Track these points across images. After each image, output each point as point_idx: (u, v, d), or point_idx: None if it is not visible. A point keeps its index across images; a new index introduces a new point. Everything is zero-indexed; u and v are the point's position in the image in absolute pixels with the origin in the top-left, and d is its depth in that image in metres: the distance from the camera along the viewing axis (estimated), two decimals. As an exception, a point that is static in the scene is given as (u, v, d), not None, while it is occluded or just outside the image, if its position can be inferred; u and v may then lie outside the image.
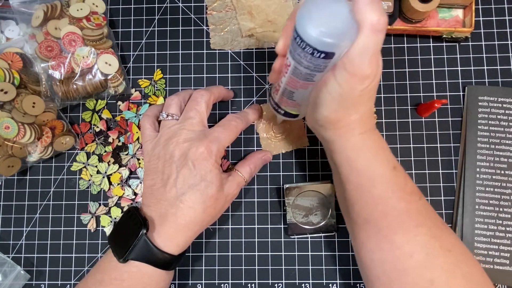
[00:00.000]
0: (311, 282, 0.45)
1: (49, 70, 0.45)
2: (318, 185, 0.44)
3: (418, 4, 0.42)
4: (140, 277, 0.36)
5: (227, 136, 0.39)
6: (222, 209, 0.39)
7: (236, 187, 0.40)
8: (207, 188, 0.36)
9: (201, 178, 0.36)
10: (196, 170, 0.36)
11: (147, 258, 0.35)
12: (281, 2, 0.49)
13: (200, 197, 0.36)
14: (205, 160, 0.37)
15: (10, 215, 0.48)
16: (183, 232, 0.36)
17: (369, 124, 0.33)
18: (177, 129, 0.39)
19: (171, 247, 0.36)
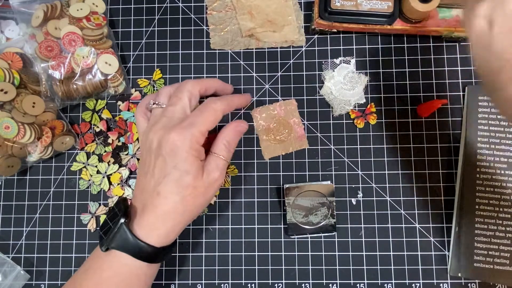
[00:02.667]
0: (311, 282, 0.45)
1: (49, 70, 0.45)
2: (318, 185, 0.44)
3: (418, 4, 0.42)
4: (119, 267, 0.35)
5: (203, 120, 0.36)
6: (205, 197, 0.37)
7: (217, 170, 0.37)
8: (182, 177, 0.35)
9: (175, 167, 0.35)
10: (170, 159, 0.35)
11: (126, 247, 0.34)
12: (281, 2, 0.49)
13: (175, 187, 0.35)
14: (178, 148, 0.35)
15: (10, 215, 0.48)
16: (163, 222, 0.35)
17: None
18: (159, 117, 0.38)
19: (151, 238, 0.35)
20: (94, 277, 0.35)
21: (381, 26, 0.45)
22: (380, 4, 0.44)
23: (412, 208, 0.45)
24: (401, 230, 0.45)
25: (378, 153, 0.46)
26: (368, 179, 0.46)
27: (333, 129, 0.47)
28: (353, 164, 0.46)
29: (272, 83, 0.48)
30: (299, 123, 0.47)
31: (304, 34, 0.49)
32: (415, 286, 0.44)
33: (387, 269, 0.44)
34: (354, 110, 0.47)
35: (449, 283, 0.44)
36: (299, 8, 0.49)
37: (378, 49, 0.48)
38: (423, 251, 0.44)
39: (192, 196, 0.35)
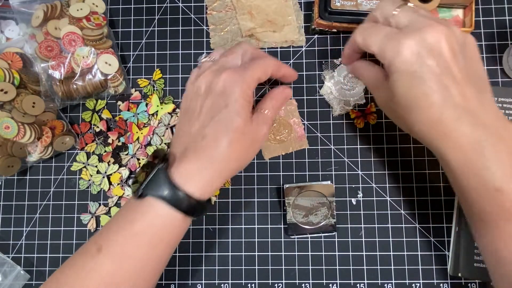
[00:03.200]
0: (311, 282, 0.45)
1: (49, 70, 0.45)
2: (318, 185, 0.44)
3: (418, 4, 0.42)
4: (153, 218, 0.32)
5: (256, 67, 0.34)
6: (250, 150, 0.35)
7: (264, 125, 0.35)
8: (232, 118, 0.32)
9: (226, 107, 0.33)
10: (220, 99, 0.33)
11: (163, 195, 0.31)
12: (281, 2, 0.49)
13: (223, 129, 0.32)
14: (230, 88, 0.33)
15: (10, 215, 0.48)
16: (204, 169, 0.32)
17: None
18: (208, 66, 0.36)
19: (190, 187, 0.32)
20: (124, 231, 0.32)
21: (381, 26, 0.45)
22: (380, 4, 0.44)
23: (412, 208, 0.45)
24: (401, 230, 0.45)
25: (378, 153, 0.46)
26: (368, 179, 0.46)
27: (333, 129, 0.47)
28: (353, 164, 0.46)
29: (272, 83, 0.48)
30: (299, 123, 0.47)
31: (304, 34, 0.49)
32: (415, 286, 0.44)
33: (387, 269, 0.44)
34: (354, 110, 0.47)
35: (449, 283, 0.44)
36: (299, 8, 0.49)
37: (378, 49, 0.48)
38: (423, 251, 0.44)
39: (240, 143, 0.33)
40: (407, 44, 0.31)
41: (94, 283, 0.31)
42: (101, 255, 0.31)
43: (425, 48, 0.30)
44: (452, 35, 0.31)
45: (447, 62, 0.31)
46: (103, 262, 0.31)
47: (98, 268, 0.31)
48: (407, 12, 0.33)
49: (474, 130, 0.30)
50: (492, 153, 0.30)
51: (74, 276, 0.32)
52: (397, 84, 0.32)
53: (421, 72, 0.30)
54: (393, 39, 0.32)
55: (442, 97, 0.30)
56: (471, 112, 0.30)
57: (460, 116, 0.30)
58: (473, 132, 0.30)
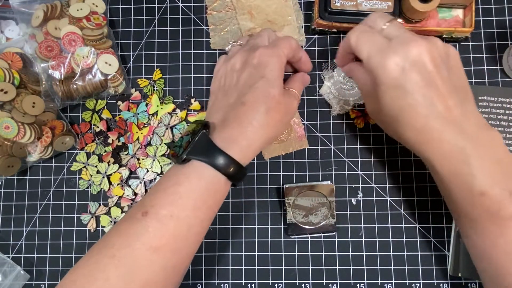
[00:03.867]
0: (311, 282, 0.45)
1: (49, 70, 0.45)
2: (318, 185, 0.44)
3: (418, 4, 0.42)
4: (198, 180, 0.33)
5: (285, 44, 0.38)
6: (283, 120, 0.37)
7: (295, 101, 0.39)
8: (269, 88, 0.35)
9: (263, 77, 0.35)
10: (258, 69, 0.36)
11: (207, 157, 0.33)
12: (281, 2, 0.49)
13: (262, 96, 0.35)
14: (266, 60, 0.36)
15: (10, 215, 0.48)
16: (245, 135, 0.34)
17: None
18: (238, 48, 0.40)
19: (232, 151, 0.33)
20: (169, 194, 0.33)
21: (381, 26, 0.45)
22: (380, 4, 0.44)
23: (412, 208, 0.45)
24: (401, 230, 0.45)
25: (378, 153, 0.46)
26: (368, 179, 0.46)
27: (333, 129, 0.47)
28: (353, 164, 0.46)
29: (272, 83, 0.48)
30: (299, 123, 0.47)
31: (304, 34, 0.49)
32: (415, 286, 0.44)
33: (387, 269, 0.44)
34: (354, 110, 0.47)
35: (449, 283, 0.44)
36: (299, 8, 0.49)
37: (378, 49, 0.48)
38: (423, 251, 0.44)
39: (276, 111, 0.35)
40: (392, 59, 0.32)
41: (140, 245, 0.31)
42: (148, 218, 0.32)
43: (409, 63, 0.32)
44: (434, 48, 0.33)
45: (430, 74, 0.32)
46: (149, 225, 0.32)
47: (144, 231, 0.31)
48: (395, 27, 0.35)
49: (457, 139, 0.32)
50: (475, 160, 0.31)
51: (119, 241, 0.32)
52: (384, 95, 0.34)
53: (405, 85, 0.32)
54: (380, 52, 0.33)
55: (426, 108, 0.32)
56: (454, 122, 0.32)
57: (443, 126, 0.32)
58: (456, 141, 0.32)
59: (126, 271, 0.30)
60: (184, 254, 0.34)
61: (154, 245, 0.31)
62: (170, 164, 0.47)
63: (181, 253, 0.33)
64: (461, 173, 0.32)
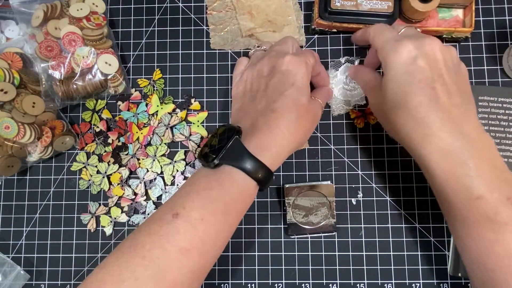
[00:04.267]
0: (311, 282, 0.45)
1: (49, 70, 0.45)
2: (318, 185, 0.44)
3: (418, 4, 0.42)
4: (230, 185, 0.33)
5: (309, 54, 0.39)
6: (311, 128, 0.38)
7: (320, 110, 0.39)
8: (299, 95, 0.35)
9: (293, 85, 0.36)
10: (287, 77, 0.36)
11: (240, 163, 0.33)
12: (281, 2, 0.49)
13: (292, 104, 0.35)
14: (295, 68, 0.36)
15: (10, 215, 0.48)
16: (276, 141, 0.34)
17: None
18: (262, 54, 0.40)
19: (263, 157, 0.34)
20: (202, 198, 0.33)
21: (381, 26, 0.45)
22: (380, 4, 0.44)
23: (412, 208, 0.45)
24: (401, 230, 0.45)
25: (378, 153, 0.46)
26: (368, 179, 0.46)
27: (333, 129, 0.47)
28: (353, 164, 0.46)
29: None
30: (299, 123, 0.47)
31: (304, 34, 0.49)
32: (415, 286, 0.44)
33: (387, 269, 0.44)
34: (354, 110, 0.47)
35: (449, 283, 0.44)
36: (299, 8, 0.49)
37: (378, 49, 0.48)
38: (423, 251, 0.44)
39: (305, 118, 0.36)
40: (406, 47, 0.34)
41: (171, 247, 0.31)
42: (179, 220, 0.32)
43: (421, 53, 0.33)
44: (447, 52, 0.34)
45: (440, 70, 0.33)
46: (180, 227, 0.32)
47: (175, 233, 0.32)
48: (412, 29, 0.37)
49: (456, 137, 0.32)
50: (473, 162, 0.31)
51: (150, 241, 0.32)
52: (390, 80, 0.34)
53: (413, 72, 0.33)
54: (395, 40, 0.35)
55: (429, 98, 0.32)
56: (454, 120, 0.32)
57: (444, 122, 0.32)
58: (454, 139, 0.32)
59: (155, 272, 0.30)
60: (211, 257, 0.34)
61: (184, 247, 0.31)
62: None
63: (208, 256, 0.33)
64: (457, 174, 0.32)
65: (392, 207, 0.45)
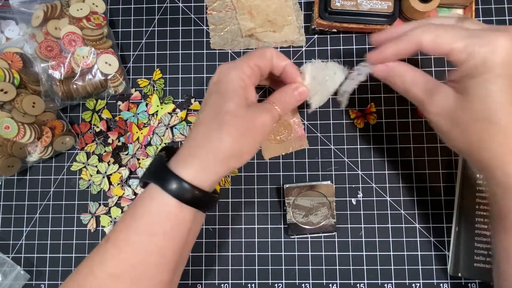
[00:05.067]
0: (311, 282, 0.45)
1: (49, 70, 0.45)
2: (318, 185, 0.44)
3: (418, 4, 0.42)
4: (149, 202, 0.31)
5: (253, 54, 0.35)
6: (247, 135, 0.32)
7: (267, 115, 0.33)
8: (223, 102, 0.32)
9: (217, 91, 0.33)
10: (215, 86, 0.34)
11: (158, 179, 0.31)
12: (281, 2, 0.49)
13: (213, 112, 0.32)
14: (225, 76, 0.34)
15: (10, 215, 0.48)
16: (198, 154, 0.31)
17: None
18: None
19: (184, 172, 0.31)
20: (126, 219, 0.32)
21: (381, 26, 0.45)
22: (380, 4, 0.44)
23: (412, 208, 0.45)
24: (401, 230, 0.45)
25: (378, 153, 0.46)
26: (368, 179, 0.46)
27: (333, 129, 0.47)
28: (353, 164, 0.46)
29: (272, 83, 0.48)
30: (299, 123, 0.47)
31: (304, 34, 0.49)
32: (415, 286, 0.44)
33: (387, 269, 0.44)
34: (354, 110, 0.47)
35: (449, 283, 0.44)
36: (299, 8, 0.49)
37: (378, 49, 0.48)
38: (423, 251, 0.44)
39: (233, 125, 0.31)
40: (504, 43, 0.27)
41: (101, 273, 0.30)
42: (108, 244, 0.31)
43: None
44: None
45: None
46: (109, 251, 0.31)
47: (104, 258, 0.31)
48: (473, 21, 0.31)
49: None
50: None
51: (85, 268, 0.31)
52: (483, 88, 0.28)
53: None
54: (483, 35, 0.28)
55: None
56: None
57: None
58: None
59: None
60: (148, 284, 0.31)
61: (113, 272, 0.30)
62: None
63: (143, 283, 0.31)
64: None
65: (392, 207, 0.45)
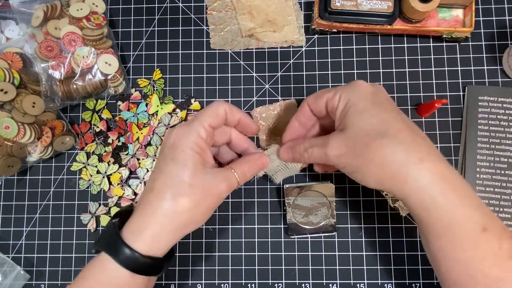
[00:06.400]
0: (311, 282, 0.45)
1: (49, 70, 0.45)
2: (318, 185, 0.44)
3: (418, 4, 0.42)
4: (100, 273, 0.32)
5: (206, 114, 0.34)
6: (203, 204, 0.32)
7: (224, 182, 0.33)
8: (178, 170, 0.32)
9: (172, 160, 0.32)
10: (169, 152, 0.33)
11: (110, 250, 0.31)
12: (281, 2, 0.49)
13: (169, 182, 0.32)
14: (179, 141, 0.33)
15: (10, 215, 0.48)
16: (149, 224, 0.31)
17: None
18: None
19: (137, 243, 0.31)
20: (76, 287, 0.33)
21: (381, 26, 0.45)
22: (380, 4, 0.44)
23: (412, 208, 0.45)
24: (401, 230, 0.45)
25: (378, 153, 0.46)
26: (368, 179, 0.46)
27: (333, 129, 0.47)
28: (353, 164, 0.46)
29: (272, 83, 0.48)
30: (299, 123, 0.47)
31: (304, 34, 0.49)
32: (415, 286, 0.44)
33: (387, 269, 0.44)
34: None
35: (449, 283, 0.44)
36: (299, 8, 0.49)
37: (378, 49, 0.48)
38: (423, 251, 0.44)
39: (187, 196, 0.31)
40: (363, 83, 0.35)
41: None
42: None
43: (377, 89, 0.34)
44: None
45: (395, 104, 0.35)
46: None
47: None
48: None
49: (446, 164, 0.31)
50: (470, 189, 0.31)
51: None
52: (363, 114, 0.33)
53: (382, 103, 0.33)
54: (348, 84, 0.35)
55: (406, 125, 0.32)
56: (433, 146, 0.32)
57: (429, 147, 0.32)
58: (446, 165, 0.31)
59: None
60: None
61: None
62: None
63: None
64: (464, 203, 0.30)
65: (392, 207, 0.45)
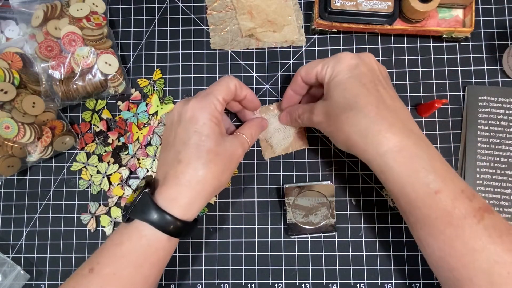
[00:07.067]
0: (311, 282, 0.45)
1: (49, 70, 0.45)
2: (318, 185, 0.44)
3: (418, 4, 0.42)
4: (139, 239, 0.34)
5: (220, 88, 0.38)
6: (226, 169, 0.36)
7: (239, 146, 0.38)
8: (204, 142, 0.35)
9: (195, 132, 0.35)
10: (190, 125, 0.35)
11: (148, 217, 0.33)
12: (281, 2, 0.49)
13: (196, 152, 0.34)
14: (197, 114, 0.36)
15: (10, 215, 0.48)
16: (184, 192, 0.34)
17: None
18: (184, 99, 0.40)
19: (173, 209, 0.34)
20: (111, 253, 0.34)
21: (381, 26, 0.45)
22: (380, 4, 0.44)
23: (412, 208, 0.45)
24: (401, 230, 0.45)
25: (378, 153, 0.46)
26: (368, 179, 0.46)
27: (333, 129, 0.47)
28: (353, 164, 0.46)
29: (272, 83, 0.48)
30: (299, 123, 0.47)
31: (304, 34, 0.49)
32: (415, 286, 0.44)
33: (387, 269, 0.44)
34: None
35: (449, 283, 0.44)
36: (299, 8, 0.49)
37: (378, 49, 0.48)
38: (423, 251, 0.44)
39: (214, 164, 0.35)
40: (347, 56, 0.37)
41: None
42: (93, 275, 0.33)
43: (361, 61, 0.36)
44: (382, 66, 0.39)
45: (378, 76, 0.37)
46: (94, 281, 0.33)
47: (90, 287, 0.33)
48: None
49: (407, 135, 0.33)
50: (427, 156, 0.33)
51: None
52: (337, 85, 0.36)
53: (358, 76, 0.35)
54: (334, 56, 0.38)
55: (376, 99, 0.34)
56: (402, 119, 0.34)
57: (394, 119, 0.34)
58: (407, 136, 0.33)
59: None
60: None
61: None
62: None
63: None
64: (416, 168, 0.32)
65: (392, 207, 0.45)
